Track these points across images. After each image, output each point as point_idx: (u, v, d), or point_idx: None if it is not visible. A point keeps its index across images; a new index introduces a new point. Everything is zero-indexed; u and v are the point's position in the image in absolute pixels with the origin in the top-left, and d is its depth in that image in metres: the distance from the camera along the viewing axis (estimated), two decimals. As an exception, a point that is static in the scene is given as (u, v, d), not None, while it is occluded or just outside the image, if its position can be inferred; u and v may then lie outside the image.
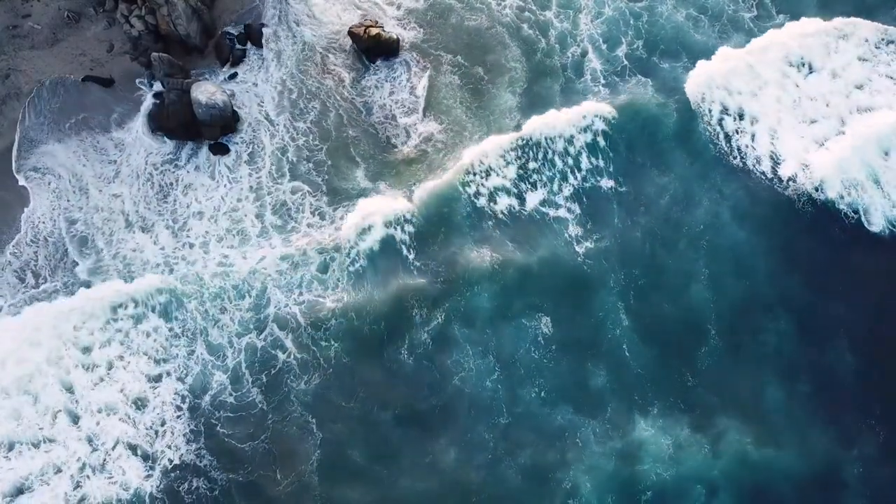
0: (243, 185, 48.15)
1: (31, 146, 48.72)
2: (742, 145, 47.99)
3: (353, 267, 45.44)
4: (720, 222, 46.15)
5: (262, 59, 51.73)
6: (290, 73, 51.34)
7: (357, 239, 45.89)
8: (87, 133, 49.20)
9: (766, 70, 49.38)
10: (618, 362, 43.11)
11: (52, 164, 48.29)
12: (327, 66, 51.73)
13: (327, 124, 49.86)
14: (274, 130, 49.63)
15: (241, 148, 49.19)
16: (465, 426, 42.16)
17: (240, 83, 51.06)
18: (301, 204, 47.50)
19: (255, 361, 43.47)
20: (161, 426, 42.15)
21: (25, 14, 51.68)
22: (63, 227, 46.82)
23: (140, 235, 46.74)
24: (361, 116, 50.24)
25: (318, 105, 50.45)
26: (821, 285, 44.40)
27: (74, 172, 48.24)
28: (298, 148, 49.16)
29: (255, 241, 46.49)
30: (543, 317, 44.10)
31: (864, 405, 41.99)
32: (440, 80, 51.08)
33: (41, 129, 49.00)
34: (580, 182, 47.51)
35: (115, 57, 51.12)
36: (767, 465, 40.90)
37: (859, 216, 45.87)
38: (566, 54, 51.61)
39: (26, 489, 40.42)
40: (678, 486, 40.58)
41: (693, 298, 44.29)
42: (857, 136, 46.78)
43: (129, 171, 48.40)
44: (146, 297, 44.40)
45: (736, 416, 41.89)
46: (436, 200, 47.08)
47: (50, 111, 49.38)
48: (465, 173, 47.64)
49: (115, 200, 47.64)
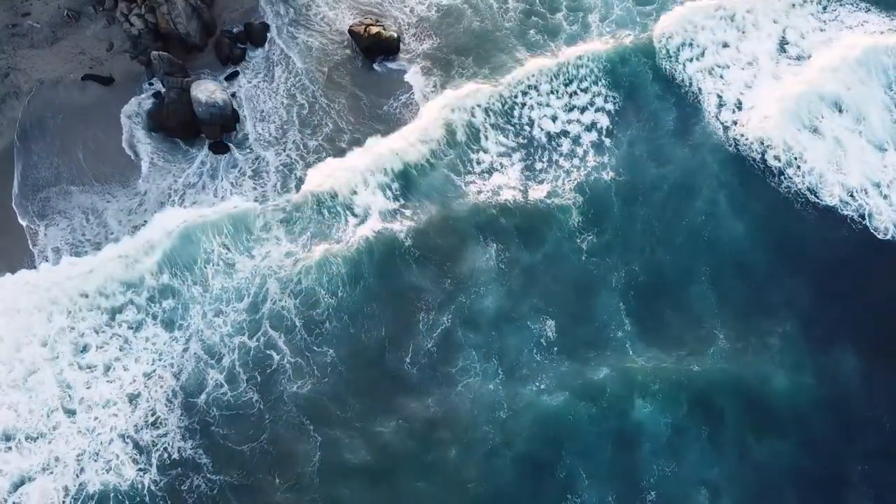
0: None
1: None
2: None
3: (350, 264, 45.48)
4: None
5: (263, 59, 51.60)
6: (289, 70, 51.20)
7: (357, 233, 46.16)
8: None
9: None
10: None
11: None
12: (327, 63, 51.61)
13: (328, 123, 49.75)
14: (273, 134, 49.59)
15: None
16: (467, 425, 41.88)
17: (240, 82, 51.00)
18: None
19: (248, 361, 43.32)
20: (155, 422, 42.03)
21: (25, 12, 51.55)
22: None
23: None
24: (363, 116, 50.16)
25: (320, 106, 50.33)
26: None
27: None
28: (297, 148, 49.13)
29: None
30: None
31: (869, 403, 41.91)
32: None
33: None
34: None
35: (115, 56, 50.96)
36: (771, 460, 40.73)
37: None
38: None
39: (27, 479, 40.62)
40: (680, 480, 40.31)
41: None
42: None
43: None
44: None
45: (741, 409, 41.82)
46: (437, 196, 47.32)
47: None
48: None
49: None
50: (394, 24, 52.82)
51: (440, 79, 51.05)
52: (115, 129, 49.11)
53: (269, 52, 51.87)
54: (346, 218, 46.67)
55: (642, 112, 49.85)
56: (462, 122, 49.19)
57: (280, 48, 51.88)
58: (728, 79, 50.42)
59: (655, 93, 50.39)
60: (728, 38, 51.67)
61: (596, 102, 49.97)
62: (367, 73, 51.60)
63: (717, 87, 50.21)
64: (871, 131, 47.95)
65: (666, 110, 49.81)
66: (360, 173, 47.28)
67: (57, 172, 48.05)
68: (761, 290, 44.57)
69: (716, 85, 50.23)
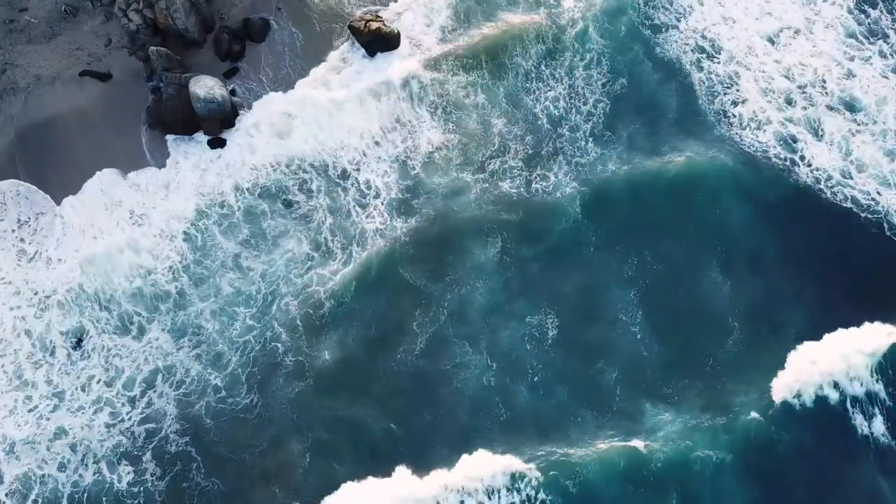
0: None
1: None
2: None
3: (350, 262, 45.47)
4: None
5: (261, 55, 51.20)
6: (289, 69, 50.77)
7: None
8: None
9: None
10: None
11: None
12: (328, 61, 51.14)
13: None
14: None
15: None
16: (465, 424, 41.87)
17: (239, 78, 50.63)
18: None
19: (248, 361, 43.29)
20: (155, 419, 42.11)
21: (22, 8, 51.17)
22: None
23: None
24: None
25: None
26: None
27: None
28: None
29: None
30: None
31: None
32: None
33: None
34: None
35: (113, 51, 50.53)
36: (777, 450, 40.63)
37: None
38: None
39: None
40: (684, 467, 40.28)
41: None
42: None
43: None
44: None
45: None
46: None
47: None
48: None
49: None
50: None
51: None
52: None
53: (268, 49, 51.41)
54: (350, 213, 46.68)
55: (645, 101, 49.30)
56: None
57: (279, 46, 51.37)
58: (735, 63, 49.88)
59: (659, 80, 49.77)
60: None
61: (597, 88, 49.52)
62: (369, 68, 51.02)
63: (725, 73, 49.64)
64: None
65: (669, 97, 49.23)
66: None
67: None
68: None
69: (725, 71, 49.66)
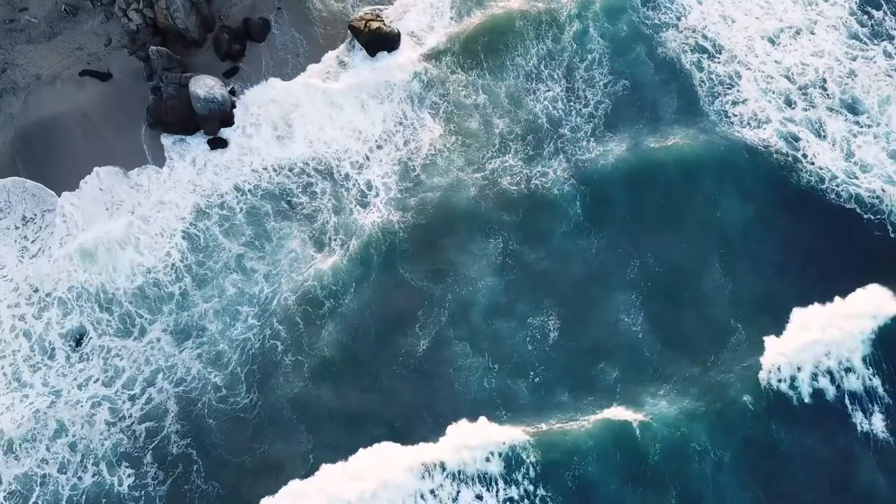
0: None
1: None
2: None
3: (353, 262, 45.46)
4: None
5: (261, 54, 51.12)
6: (290, 69, 50.70)
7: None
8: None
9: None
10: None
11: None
12: (328, 61, 51.03)
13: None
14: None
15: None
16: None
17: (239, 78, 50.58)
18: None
19: (249, 361, 43.29)
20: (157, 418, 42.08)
21: (22, 7, 51.17)
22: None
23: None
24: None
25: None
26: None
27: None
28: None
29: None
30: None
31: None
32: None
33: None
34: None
35: (113, 51, 50.52)
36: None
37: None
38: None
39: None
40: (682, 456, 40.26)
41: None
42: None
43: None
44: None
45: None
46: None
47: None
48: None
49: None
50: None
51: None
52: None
53: (268, 49, 51.33)
54: (351, 213, 46.67)
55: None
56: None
57: (279, 45, 51.30)
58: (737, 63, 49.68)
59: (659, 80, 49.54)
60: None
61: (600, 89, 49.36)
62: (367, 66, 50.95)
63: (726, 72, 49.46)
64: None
65: (669, 97, 48.98)
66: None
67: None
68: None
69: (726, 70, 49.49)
